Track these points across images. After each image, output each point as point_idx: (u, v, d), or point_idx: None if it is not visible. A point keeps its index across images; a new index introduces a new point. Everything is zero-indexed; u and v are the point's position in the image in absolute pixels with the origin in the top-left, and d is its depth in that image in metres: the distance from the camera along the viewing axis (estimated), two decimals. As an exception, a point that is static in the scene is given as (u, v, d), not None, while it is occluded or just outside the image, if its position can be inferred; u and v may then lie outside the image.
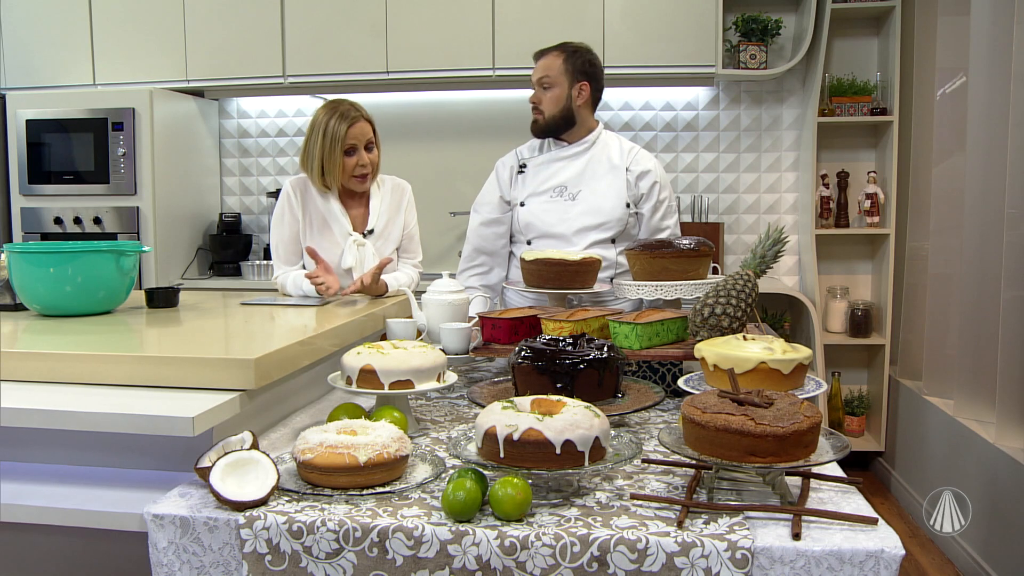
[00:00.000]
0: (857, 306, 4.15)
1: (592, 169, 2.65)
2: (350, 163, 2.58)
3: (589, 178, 2.64)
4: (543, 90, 2.62)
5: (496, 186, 2.75)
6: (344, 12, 4.16)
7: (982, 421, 3.06)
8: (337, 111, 2.57)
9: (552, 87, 2.61)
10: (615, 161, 2.65)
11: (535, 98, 2.64)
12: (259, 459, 1.37)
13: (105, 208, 4.16)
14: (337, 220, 2.65)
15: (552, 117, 2.62)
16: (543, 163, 2.69)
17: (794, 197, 4.35)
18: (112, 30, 4.34)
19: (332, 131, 2.55)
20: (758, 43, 4.05)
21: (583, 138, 2.67)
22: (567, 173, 2.66)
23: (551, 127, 2.64)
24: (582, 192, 2.63)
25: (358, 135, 2.57)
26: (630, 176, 2.63)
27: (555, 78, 2.60)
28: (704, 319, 1.86)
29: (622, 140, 2.73)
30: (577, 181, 2.64)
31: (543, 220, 2.65)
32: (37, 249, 2.13)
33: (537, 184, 2.67)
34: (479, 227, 2.76)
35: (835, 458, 1.33)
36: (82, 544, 1.65)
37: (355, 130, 2.56)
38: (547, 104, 2.62)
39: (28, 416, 1.51)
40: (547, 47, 2.68)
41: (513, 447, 1.31)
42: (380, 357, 1.66)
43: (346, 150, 2.57)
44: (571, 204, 2.63)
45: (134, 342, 2.00)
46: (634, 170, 2.64)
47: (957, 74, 3.41)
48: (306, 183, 2.68)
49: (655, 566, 1.19)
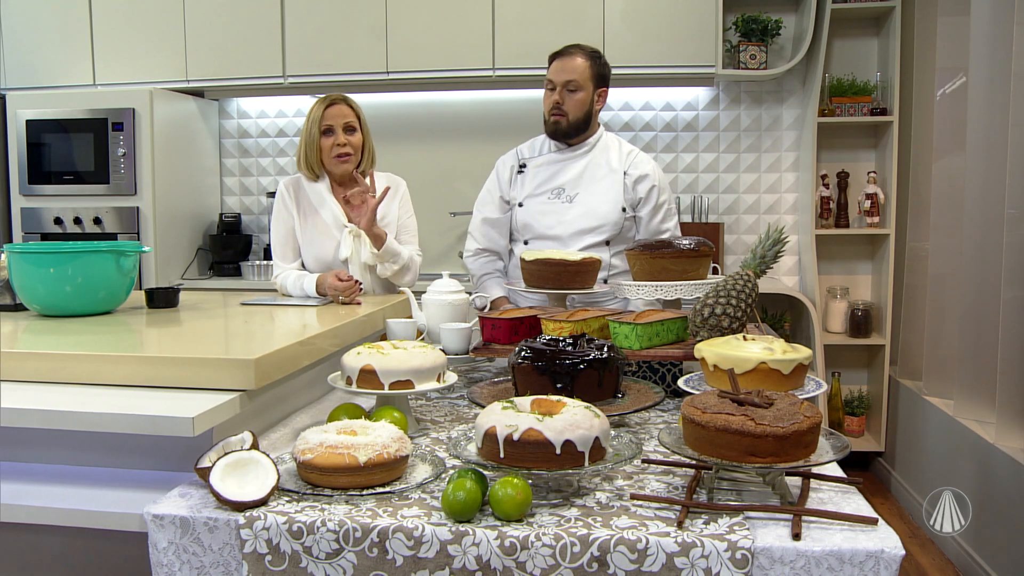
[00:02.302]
0: (857, 306, 4.16)
1: (591, 172, 2.66)
2: (327, 143, 2.62)
3: (588, 181, 2.65)
4: (569, 93, 2.60)
5: (496, 185, 2.76)
6: (344, 12, 4.16)
7: (982, 421, 3.06)
8: (320, 98, 2.64)
9: (578, 90, 2.60)
10: (614, 165, 2.66)
11: (559, 99, 2.60)
12: (259, 459, 1.37)
13: (105, 208, 4.16)
14: (331, 213, 2.67)
15: (576, 120, 2.62)
16: (543, 164, 2.70)
17: (794, 197, 4.35)
18: (112, 30, 4.34)
19: (312, 114, 2.63)
20: (758, 43, 4.05)
21: (585, 141, 2.68)
22: (566, 175, 2.67)
23: (572, 130, 2.64)
24: (580, 195, 2.64)
25: (335, 115, 2.62)
26: (628, 180, 2.64)
27: (582, 82, 2.60)
28: (704, 319, 1.86)
29: (622, 143, 2.74)
30: (575, 183, 2.66)
31: (540, 222, 2.66)
32: (37, 249, 2.13)
33: (536, 185, 2.69)
34: (481, 224, 2.79)
35: (835, 458, 1.33)
36: (82, 544, 1.65)
37: (332, 111, 2.62)
38: (573, 107, 2.61)
39: (28, 416, 1.51)
40: (567, 48, 2.66)
41: (513, 447, 1.31)
42: (380, 357, 1.66)
43: (324, 131, 2.62)
44: (568, 206, 2.64)
45: (134, 342, 2.00)
46: (632, 174, 2.65)
47: (957, 74, 3.41)
48: (299, 180, 2.72)
49: (655, 566, 1.19)
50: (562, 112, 2.61)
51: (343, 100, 2.65)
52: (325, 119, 2.61)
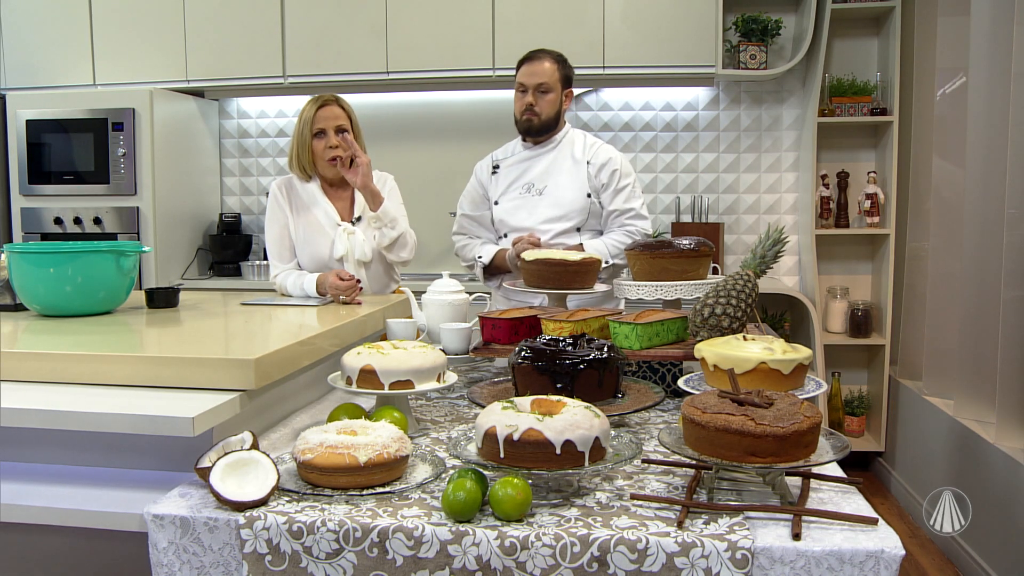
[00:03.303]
0: (857, 306, 4.16)
1: (557, 165, 2.84)
2: (319, 146, 2.64)
3: (554, 173, 2.84)
4: (541, 94, 2.80)
5: (476, 184, 2.96)
6: (344, 12, 4.16)
7: (982, 421, 3.06)
8: (312, 99, 2.67)
9: (549, 91, 2.81)
10: (577, 156, 2.84)
11: (532, 100, 2.79)
12: (259, 459, 1.37)
13: (105, 208, 4.16)
14: (324, 212, 2.69)
15: (547, 119, 2.82)
16: (513, 163, 2.90)
17: (794, 197, 4.35)
18: (112, 30, 4.34)
19: (303, 115, 2.65)
20: (758, 43, 4.05)
21: (551, 138, 2.87)
22: (535, 171, 2.86)
23: (545, 128, 2.83)
24: (547, 187, 2.83)
25: (327, 117, 2.63)
26: (591, 169, 2.82)
27: (552, 84, 2.80)
28: (704, 319, 1.86)
29: (587, 136, 2.92)
30: (543, 177, 2.85)
31: (514, 216, 2.85)
32: (37, 249, 2.13)
33: (509, 183, 2.88)
34: (461, 218, 2.99)
35: (835, 458, 1.33)
36: (82, 544, 1.65)
37: (323, 112, 2.63)
38: (544, 107, 2.81)
39: (28, 416, 1.51)
40: (535, 52, 2.86)
41: (513, 447, 1.31)
42: (380, 357, 1.66)
43: (315, 133, 2.64)
44: (538, 199, 2.83)
45: (134, 342, 2.00)
46: (595, 163, 2.82)
47: (957, 74, 3.41)
48: (291, 181, 2.75)
49: (655, 566, 1.19)
50: (535, 112, 2.80)
51: (335, 101, 2.67)
52: (316, 121, 2.63)
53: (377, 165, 2.76)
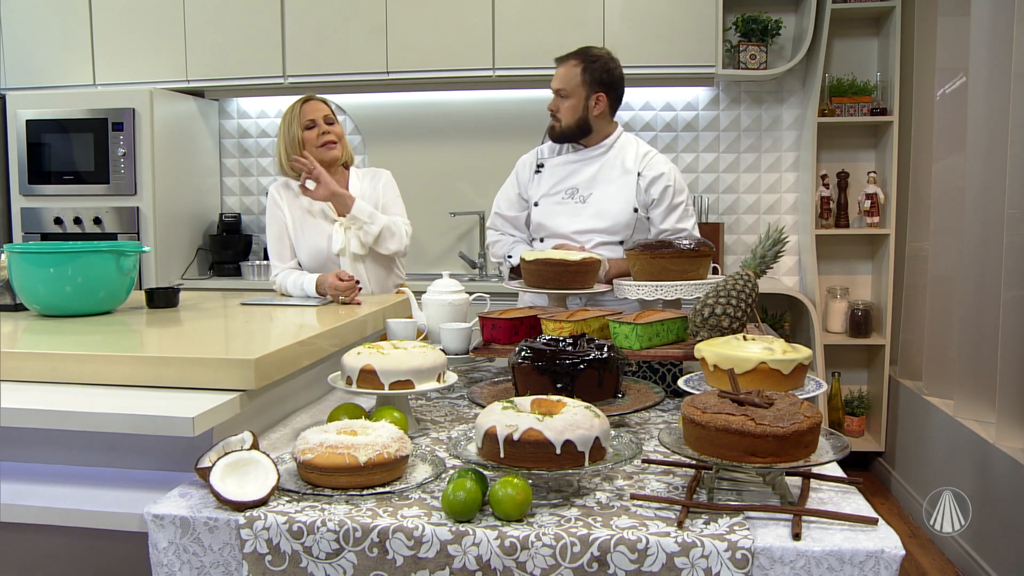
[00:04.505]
0: (857, 306, 4.15)
1: (605, 173, 2.67)
2: (311, 135, 2.70)
3: (601, 182, 2.66)
4: (560, 99, 2.63)
5: (515, 183, 2.80)
6: (344, 12, 4.16)
7: (982, 421, 3.06)
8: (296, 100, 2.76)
9: (568, 97, 2.62)
10: (628, 166, 2.66)
11: (553, 106, 2.65)
12: (259, 459, 1.37)
13: (105, 208, 4.16)
14: (320, 208, 2.73)
15: (568, 126, 2.64)
16: (559, 165, 2.72)
17: (794, 197, 4.35)
18: (112, 30, 4.34)
19: (289, 114, 2.73)
20: (758, 43, 4.05)
21: (600, 142, 2.69)
22: (580, 176, 2.68)
23: (567, 135, 2.67)
24: (593, 195, 2.65)
25: (314, 110, 2.72)
26: (642, 181, 2.64)
27: (572, 89, 2.61)
28: (704, 319, 1.86)
29: (640, 144, 2.74)
30: (589, 184, 2.67)
31: (553, 221, 2.68)
32: (37, 249, 2.13)
33: (551, 185, 2.71)
34: (495, 217, 2.84)
35: (835, 458, 1.33)
36: (82, 544, 1.65)
37: (309, 106, 2.73)
38: (564, 113, 2.64)
39: (28, 416, 1.51)
40: (568, 53, 2.68)
41: (513, 447, 1.31)
42: (380, 357, 1.66)
43: (306, 126, 2.70)
44: (582, 207, 2.66)
45: (134, 342, 2.00)
46: (646, 175, 2.64)
47: (957, 74, 3.41)
48: (286, 183, 2.79)
49: (655, 566, 1.19)
50: (556, 118, 2.66)
51: (317, 97, 2.78)
52: (305, 114, 2.71)
53: (377, 165, 2.77)
